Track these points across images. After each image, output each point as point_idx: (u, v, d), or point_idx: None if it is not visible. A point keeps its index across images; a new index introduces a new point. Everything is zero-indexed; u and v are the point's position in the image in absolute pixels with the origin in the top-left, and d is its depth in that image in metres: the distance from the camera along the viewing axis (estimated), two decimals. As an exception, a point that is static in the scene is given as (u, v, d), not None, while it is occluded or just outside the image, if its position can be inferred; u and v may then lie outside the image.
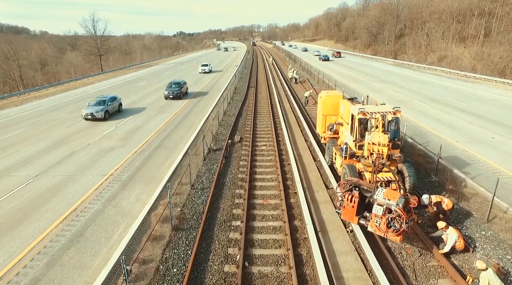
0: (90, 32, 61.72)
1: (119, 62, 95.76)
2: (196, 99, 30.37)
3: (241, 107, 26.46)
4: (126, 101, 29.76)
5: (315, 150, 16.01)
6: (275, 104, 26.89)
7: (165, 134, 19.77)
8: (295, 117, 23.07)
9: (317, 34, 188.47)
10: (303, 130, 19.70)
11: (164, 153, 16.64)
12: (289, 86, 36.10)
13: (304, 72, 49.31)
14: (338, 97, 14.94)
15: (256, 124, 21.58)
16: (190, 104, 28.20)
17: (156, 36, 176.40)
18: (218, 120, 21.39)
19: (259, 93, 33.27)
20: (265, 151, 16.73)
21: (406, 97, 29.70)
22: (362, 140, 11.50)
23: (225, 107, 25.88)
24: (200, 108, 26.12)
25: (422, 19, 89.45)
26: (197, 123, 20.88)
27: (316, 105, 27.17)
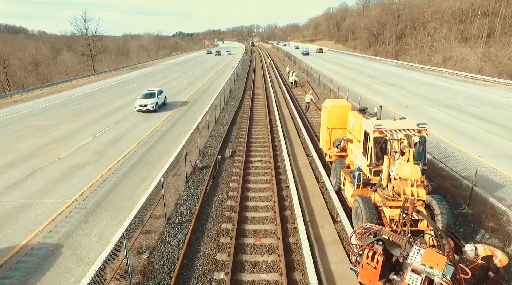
0: (82, 32, 59.35)
1: (115, 62, 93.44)
2: (185, 106, 28.09)
3: (235, 113, 24.15)
4: (110, 106, 27.47)
5: (318, 168, 13.71)
6: (272, 110, 24.59)
7: (148, 146, 17.45)
8: (295, 126, 20.77)
9: (316, 35, 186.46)
10: (304, 142, 17.40)
11: (144, 171, 14.32)
12: (288, 90, 33.81)
13: (304, 74, 47.03)
14: (346, 108, 12.63)
15: (251, 134, 19.27)
16: (179, 111, 25.90)
17: (154, 36, 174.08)
18: (208, 130, 19.06)
19: (256, 97, 30.97)
20: (260, 168, 14.43)
21: (414, 101, 27.44)
22: (379, 164, 9.23)
23: (218, 115, 23.56)
24: (190, 116, 23.82)
25: (424, 19, 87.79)
26: (185, 134, 18.58)
27: (318, 112, 25.08)
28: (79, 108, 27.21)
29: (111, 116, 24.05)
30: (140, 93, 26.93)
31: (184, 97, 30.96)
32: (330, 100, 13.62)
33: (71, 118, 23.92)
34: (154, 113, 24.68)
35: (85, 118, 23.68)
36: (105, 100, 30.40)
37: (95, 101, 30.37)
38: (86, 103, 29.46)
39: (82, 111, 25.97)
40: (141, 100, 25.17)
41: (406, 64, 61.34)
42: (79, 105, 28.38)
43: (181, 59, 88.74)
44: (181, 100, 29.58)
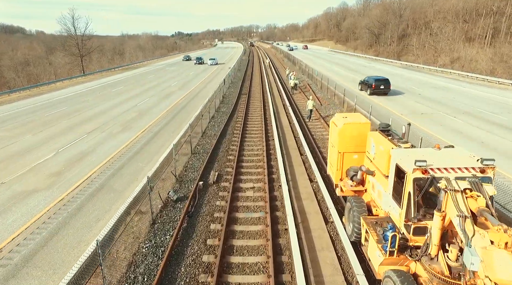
0: (70, 31, 56.20)
1: (110, 62, 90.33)
2: (172, 113, 25.03)
3: (227, 122, 21.09)
4: (87, 113, 24.37)
5: (325, 202, 10.69)
6: (270, 119, 21.54)
7: (118, 165, 14.40)
8: (295, 138, 17.72)
9: (316, 35, 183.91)
10: (306, 162, 14.37)
11: (104, 203, 11.27)
12: (288, 95, 30.76)
13: (304, 76, 44.01)
14: (363, 126, 9.55)
15: (243, 150, 16.21)
16: (164, 119, 22.85)
17: (153, 36, 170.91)
18: (191, 146, 15.94)
19: (251, 102, 27.92)
20: (251, 200, 11.38)
21: (428, 108, 24.42)
22: (422, 219, 6.20)
23: (206, 124, 20.49)
24: (175, 126, 20.78)
25: (426, 19, 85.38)
26: (166, 149, 15.53)
27: (322, 121, 22.03)
28: (52, 115, 24.13)
29: (84, 126, 20.98)
30: (125, 97, 23.82)
31: (173, 102, 27.91)
32: (341, 114, 10.54)
33: (38, 127, 20.83)
34: (135, 122, 21.64)
35: (53, 128, 20.60)
36: (83, 106, 27.32)
37: (72, 106, 27.30)
38: (61, 109, 26.37)
39: (53, 119, 22.89)
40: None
41: (411, 65, 58.39)
42: (52, 112, 25.29)
43: (176, 60, 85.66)
44: (169, 105, 26.54)
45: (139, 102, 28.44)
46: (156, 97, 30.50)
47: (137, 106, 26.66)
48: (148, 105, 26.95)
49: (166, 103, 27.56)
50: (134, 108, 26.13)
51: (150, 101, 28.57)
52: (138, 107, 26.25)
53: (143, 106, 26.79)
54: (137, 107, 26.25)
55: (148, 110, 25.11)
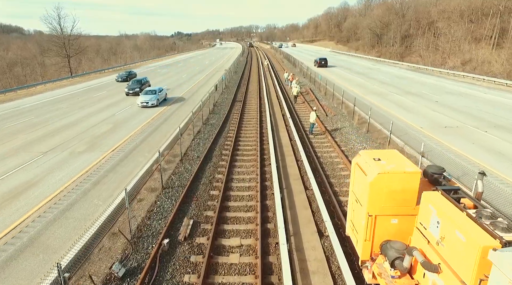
0: (56, 30, 52.66)
1: (102, 63, 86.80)
2: (150, 128, 21.52)
3: (215, 139, 17.58)
4: (54, 125, 20.82)
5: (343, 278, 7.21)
6: (267, 134, 18.05)
7: (63, 206, 10.90)
8: (297, 162, 14.22)
9: (316, 35, 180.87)
10: (313, 203, 10.87)
11: (25, 272, 7.79)
12: (288, 102, 27.26)
13: (306, 79, 40.52)
14: (410, 178, 5.95)
15: (231, 180, 12.70)
16: (139, 135, 19.34)
17: (151, 36, 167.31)
18: (161, 178, 12.32)
19: (246, 112, 24.44)
20: (235, 271, 7.87)
21: (451, 119, 20.95)
22: None
23: (189, 143, 16.94)
24: (148, 147, 17.27)
25: (430, 19, 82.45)
26: (129, 180, 12.03)
27: (328, 138, 17.94)
28: (12, 128, 20.62)
29: (45, 142, 17.47)
30: (104, 104, 20.33)
31: (156, 111, 24.40)
32: (370, 154, 6.72)
33: (-13, 145, 17.32)
34: (105, 138, 18.12)
35: (5, 146, 17.08)
36: (54, 115, 23.81)
37: (42, 116, 23.78)
38: (26, 119, 22.86)
39: (10, 133, 19.38)
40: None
41: (419, 68, 54.92)
42: (13, 123, 21.76)
43: (171, 61, 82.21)
44: (151, 115, 23.04)
45: (119, 110, 24.92)
46: (137, 107, 26.99)
47: (115, 116, 23.15)
48: (127, 115, 23.44)
49: (149, 113, 24.04)
50: (110, 118, 22.62)
51: (131, 110, 25.06)
52: (115, 118, 22.74)
53: (121, 116, 23.28)
54: (114, 118, 22.74)
55: (125, 122, 21.60)
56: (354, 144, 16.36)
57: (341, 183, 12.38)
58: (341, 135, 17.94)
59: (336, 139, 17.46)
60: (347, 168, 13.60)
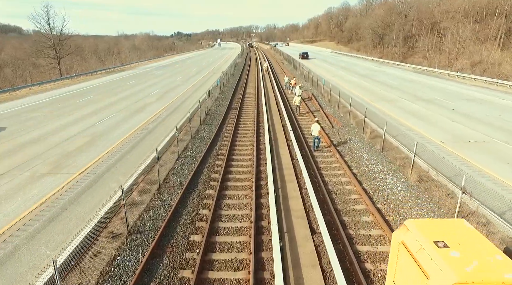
0: (44, 29, 50.10)
1: (102, 64, 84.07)
2: (128, 145, 18.97)
3: (204, 157, 15.02)
4: (23, 138, 18.19)
5: None
6: (264, 152, 15.51)
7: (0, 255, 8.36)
8: (301, 192, 11.67)
9: (317, 35, 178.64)
10: (323, 255, 8.31)
11: None
12: (289, 111, 24.71)
13: (307, 83, 37.97)
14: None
15: (218, 218, 10.15)
16: (116, 153, 16.78)
17: (151, 36, 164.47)
18: (126, 220, 9.58)
19: (242, 122, 21.90)
20: None
21: (475, 132, 18.41)
22: None
23: (171, 164, 14.35)
24: (131, 163, 14.72)
25: (433, 19, 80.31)
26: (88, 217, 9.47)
27: (336, 156, 14.26)
28: (-27, 142, 18.06)
29: (2, 162, 14.90)
30: (86, 112, 17.80)
31: (142, 120, 21.84)
32: (423, 227, 4.02)
33: None
34: (76, 156, 15.57)
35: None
36: (25, 126, 21.08)
37: (11, 126, 21.03)
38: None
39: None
40: None
41: (425, 70, 52.39)
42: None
43: (168, 61, 79.74)
44: (136, 126, 20.47)
45: (100, 119, 22.37)
46: (125, 113, 24.44)
47: (95, 127, 20.60)
48: (109, 125, 20.89)
49: (134, 122, 21.49)
50: (90, 129, 20.06)
51: (114, 119, 22.51)
52: (94, 129, 20.19)
53: (102, 126, 20.72)
54: (94, 129, 20.18)
55: (105, 134, 19.05)
56: (368, 166, 13.80)
57: (356, 222, 9.84)
58: (351, 153, 15.38)
59: (345, 158, 14.91)
60: (362, 200, 11.06)
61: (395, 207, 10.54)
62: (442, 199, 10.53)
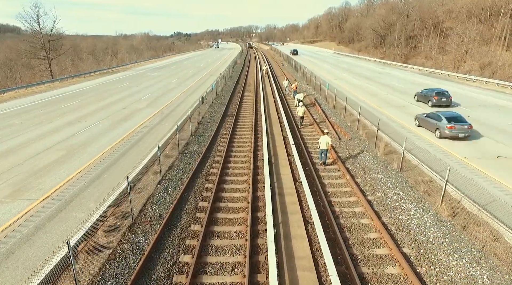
0: (33, 30, 47.88)
1: (99, 64, 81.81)
2: (110, 158, 16.82)
3: (191, 180, 12.86)
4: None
5: None
6: (262, 172, 13.37)
7: None
8: (306, 227, 9.53)
9: (317, 35, 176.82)
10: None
11: None
12: (288, 117, 22.56)
13: (310, 87, 35.80)
14: None
15: (203, 269, 8.01)
16: (93, 171, 14.63)
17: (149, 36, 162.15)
18: (78, 274, 7.52)
19: (238, 133, 19.75)
20: None
21: (504, 146, 16.25)
22: None
23: (152, 189, 12.15)
24: (108, 183, 12.57)
25: (437, 19, 78.47)
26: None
27: (346, 177, 11.87)
28: None
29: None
30: (68, 119, 15.65)
31: (128, 130, 19.69)
32: None
33: None
34: (45, 175, 13.42)
35: None
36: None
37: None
38: (-40, 142, 18.14)
39: None
40: None
41: (432, 72, 50.24)
42: None
43: (165, 62, 77.60)
44: (121, 136, 18.31)
45: (82, 129, 20.22)
46: (110, 120, 22.30)
47: (74, 138, 18.44)
48: (90, 136, 18.73)
49: (118, 132, 19.33)
50: (67, 141, 17.90)
51: (98, 128, 20.37)
52: (73, 140, 18.03)
53: (82, 137, 18.56)
54: (72, 140, 18.03)
55: (84, 146, 16.90)
56: (386, 191, 11.65)
57: (380, 277, 7.67)
58: (364, 173, 13.22)
59: (357, 179, 12.76)
60: (384, 242, 8.90)
61: (427, 252, 8.39)
62: (487, 244, 8.37)
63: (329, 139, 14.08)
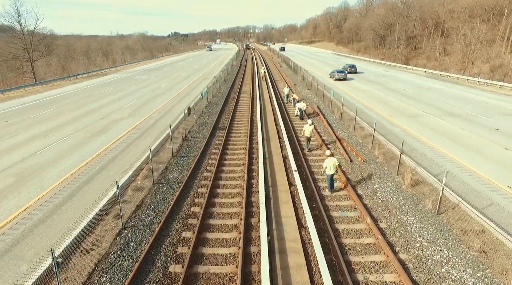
0: (13, 29, 44.69)
1: (93, 65, 78.43)
2: (83, 177, 13.82)
3: (158, 235, 9.86)
4: None
5: None
6: (257, 214, 10.42)
7: None
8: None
9: (315, 36, 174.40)
10: None
11: None
12: (289, 132, 19.59)
13: (311, 93, 32.86)
14: None
15: None
16: (44, 208, 11.61)
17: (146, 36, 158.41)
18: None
19: (229, 153, 16.75)
20: None
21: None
22: None
23: (111, 239, 9.16)
24: (64, 223, 9.57)
25: (438, 19, 76.19)
26: None
27: (365, 219, 9.44)
28: None
29: None
30: (34, 132, 12.63)
31: (102, 146, 16.64)
32: None
33: None
34: None
35: None
36: None
37: None
38: None
39: None
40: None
41: (440, 74, 47.47)
42: None
43: (158, 64, 74.47)
44: (91, 155, 15.26)
45: (46, 145, 17.15)
46: (83, 134, 19.24)
47: (34, 157, 15.38)
48: (53, 155, 15.67)
49: (88, 150, 16.27)
50: (23, 162, 14.84)
51: (65, 145, 17.29)
52: (31, 161, 14.97)
53: (43, 156, 15.49)
54: (30, 161, 14.96)
55: (40, 171, 13.84)
56: (423, 245, 8.68)
57: None
58: (389, 215, 10.23)
59: (380, 223, 9.78)
60: None
61: None
62: None
63: (335, 161, 11.42)
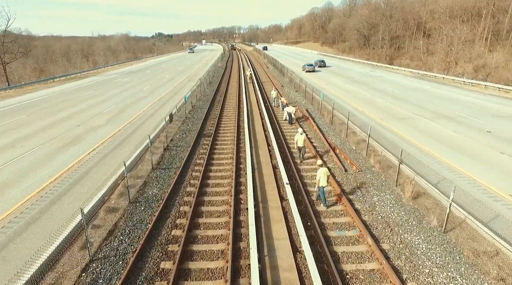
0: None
1: (73, 67, 75.16)
2: (49, 196, 12.35)
3: (133, 268, 8.69)
4: None
5: None
6: (246, 234, 9.32)
7: None
8: None
9: (300, 36, 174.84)
10: None
11: None
12: (278, 138, 18.58)
13: (299, 95, 32.02)
14: None
15: None
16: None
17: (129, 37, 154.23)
18: None
19: (215, 163, 15.60)
20: None
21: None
22: None
23: (76, 277, 7.88)
24: (24, 254, 8.17)
25: (420, 19, 77.39)
26: None
27: (366, 239, 7.93)
28: None
29: None
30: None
31: (77, 157, 15.15)
32: None
33: None
34: None
35: None
36: None
37: None
38: None
39: None
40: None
41: (425, 75, 47.66)
42: None
43: (140, 66, 72.32)
44: (63, 168, 13.76)
45: (9, 159, 15.50)
46: (55, 144, 17.65)
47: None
48: (18, 170, 14.09)
49: (59, 163, 14.75)
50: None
51: (32, 158, 15.69)
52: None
53: (9, 171, 13.90)
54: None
55: (2, 190, 12.30)
56: (432, 271, 7.73)
57: None
58: (391, 233, 9.32)
59: (383, 244, 8.84)
60: None
61: None
62: None
63: (326, 171, 10.55)
